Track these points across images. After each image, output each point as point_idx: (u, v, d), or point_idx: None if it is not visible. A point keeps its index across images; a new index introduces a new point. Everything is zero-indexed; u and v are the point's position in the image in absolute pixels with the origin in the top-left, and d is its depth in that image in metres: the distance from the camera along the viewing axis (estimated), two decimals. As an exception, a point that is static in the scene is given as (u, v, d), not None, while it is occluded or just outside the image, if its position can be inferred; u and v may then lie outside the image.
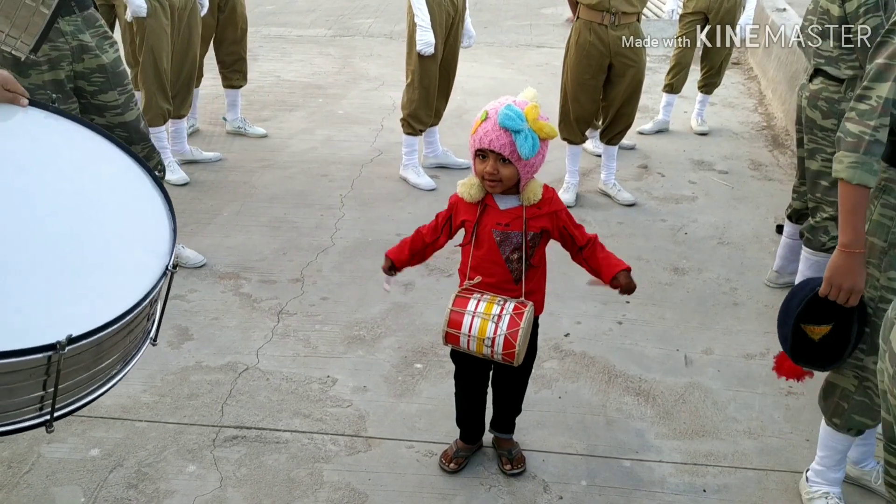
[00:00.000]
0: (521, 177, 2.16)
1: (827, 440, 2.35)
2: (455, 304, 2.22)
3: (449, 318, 2.21)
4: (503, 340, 2.15)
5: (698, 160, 5.22)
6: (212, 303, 3.40)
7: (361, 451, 2.59)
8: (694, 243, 4.10)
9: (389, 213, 4.29)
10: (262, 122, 5.67)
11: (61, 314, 1.38)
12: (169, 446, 2.58)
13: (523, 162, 2.12)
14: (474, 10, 10.02)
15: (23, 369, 1.35)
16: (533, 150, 2.10)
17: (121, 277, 1.53)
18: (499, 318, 2.16)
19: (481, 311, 2.18)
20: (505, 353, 2.16)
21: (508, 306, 2.18)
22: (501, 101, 2.15)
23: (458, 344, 2.23)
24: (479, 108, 6.42)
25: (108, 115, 3.28)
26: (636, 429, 2.73)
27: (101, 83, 3.25)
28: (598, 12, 4.09)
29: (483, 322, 2.17)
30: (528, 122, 2.09)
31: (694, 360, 3.13)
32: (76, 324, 1.37)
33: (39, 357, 1.34)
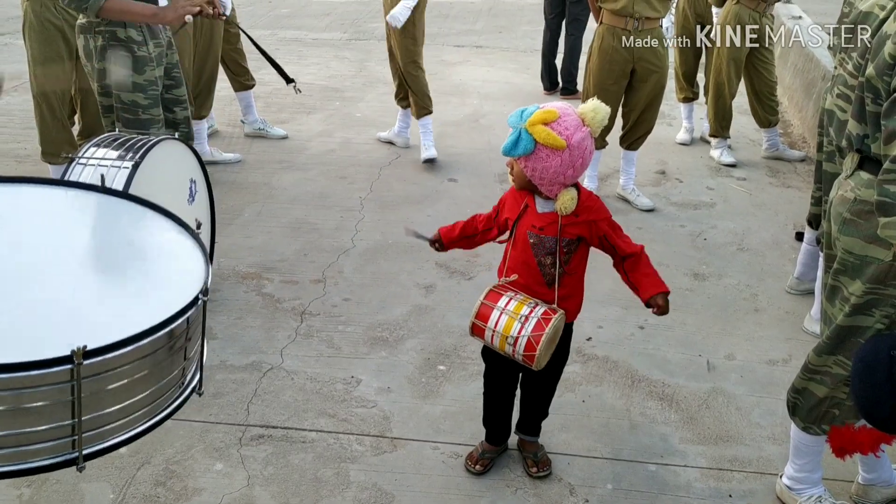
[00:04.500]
0: (531, 178, 2.17)
1: (806, 447, 2.34)
2: (487, 297, 2.24)
3: (478, 309, 2.23)
4: (526, 342, 2.16)
5: (716, 166, 5.22)
6: (235, 302, 3.41)
7: (387, 452, 2.60)
8: (713, 249, 4.10)
9: (409, 216, 4.30)
10: (280, 123, 5.69)
11: (82, 334, 1.34)
12: (196, 444, 2.59)
13: (524, 162, 2.14)
14: (489, 16, 10.06)
15: (43, 386, 1.31)
16: (517, 148, 2.13)
17: (147, 303, 1.51)
18: (526, 319, 2.17)
19: (511, 309, 2.20)
20: (526, 355, 2.18)
21: (538, 310, 2.19)
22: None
23: (482, 337, 2.25)
24: (495, 112, 6.51)
25: (178, 109, 3.43)
26: (660, 433, 2.74)
27: (178, 78, 3.44)
28: (621, 17, 4.11)
29: (510, 320, 2.19)
30: (525, 123, 2.11)
31: (716, 365, 3.13)
32: (95, 341, 1.34)
33: (58, 371, 1.30)
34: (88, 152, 2.73)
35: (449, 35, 8.97)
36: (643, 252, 2.28)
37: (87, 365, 1.32)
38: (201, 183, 3.16)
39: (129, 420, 1.45)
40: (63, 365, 1.30)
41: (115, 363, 1.37)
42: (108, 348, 1.34)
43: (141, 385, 1.44)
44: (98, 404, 1.38)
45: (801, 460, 2.37)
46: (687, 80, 5.52)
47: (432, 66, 7.53)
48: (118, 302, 1.55)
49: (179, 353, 1.53)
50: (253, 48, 4.19)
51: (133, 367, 1.41)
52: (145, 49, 3.19)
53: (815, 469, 2.38)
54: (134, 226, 1.81)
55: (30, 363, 1.29)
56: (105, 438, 1.43)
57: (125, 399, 1.43)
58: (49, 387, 1.32)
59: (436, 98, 6.49)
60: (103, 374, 1.37)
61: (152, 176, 2.72)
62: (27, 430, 1.33)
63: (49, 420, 1.34)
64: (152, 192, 2.69)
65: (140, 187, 2.61)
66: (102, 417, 1.40)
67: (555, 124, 2.10)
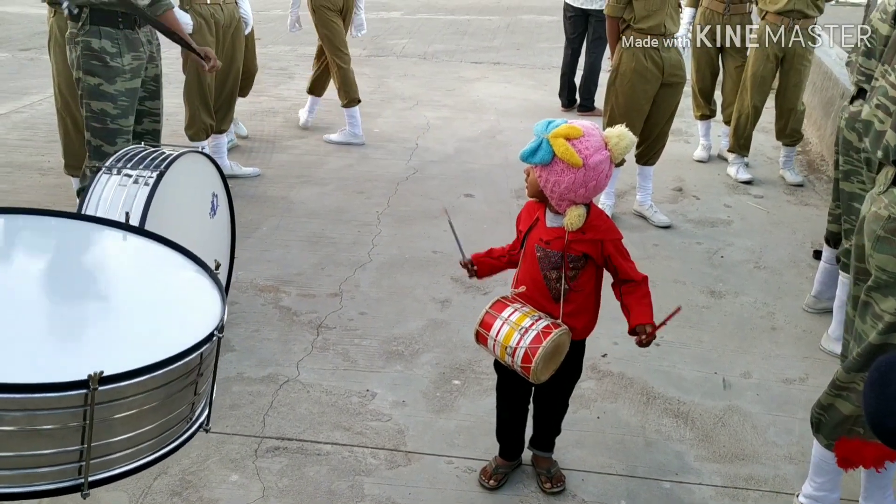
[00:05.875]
0: (542, 188, 2.19)
1: (827, 465, 2.31)
2: (492, 307, 2.27)
3: (482, 318, 2.27)
4: (523, 353, 2.18)
5: (733, 184, 5.21)
6: (252, 315, 3.44)
7: (401, 466, 2.61)
8: (730, 267, 4.09)
9: (425, 231, 4.33)
10: (299, 138, 5.76)
11: (98, 361, 1.36)
12: (212, 455, 2.61)
13: (539, 171, 2.16)
14: (507, 33, 10.13)
15: (57, 409, 1.32)
16: (534, 155, 2.15)
17: (163, 337, 1.53)
18: (526, 331, 2.19)
19: (513, 319, 2.22)
20: (522, 366, 2.19)
21: (540, 323, 2.20)
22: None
23: (486, 345, 2.28)
24: (512, 128, 6.56)
25: (146, 121, 3.46)
26: (675, 451, 2.73)
27: (153, 91, 3.45)
28: (653, 36, 4.14)
29: (510, 330, 2.20)
30: (548, 134, 2.13)
31: (732, 383, 3.12)
32: (111, 368, 1.36)
33: (73, 395, 1.31)
34: (111, 166, 2.78)
35: (466, 52, 9.04)
36: (645, 282, 2.28)
37: (102, 391, 1.34)
38: (223, 197, 3.20)
39: (136, 451, 1.47)
40: (78, 389, 1.32)
41: (128, 391, 1.39)
42: (124, 376, 1.36)
43: (150, 416, 1.46)
44: (107, 432, 1.40)
45: (821, 478, 2.35)
46: (704, 97, 5.53)
47: (450, 82, 7.60)
48: (135, 335, 1.57)
49: (190, 388, 1.54)
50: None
51: (145, 398, 1.42)
52: (119, 60, 3.26)
53: (834, 489, 2.36)
54: (154, 264, 1.84)
55: (46, 385, 1.30)
56: (111, 467, 1.44)
57: (134, 429, 1.44)
58: (62, 410, 1.33)
59: (453, 114, 6.56)
60: (116, 402, 1.38)
61: (175, 189, 2.76)
62: (35, 452, 1.35)
63: (58, 444, 1.36)
64: (175, 205, 2.74)
65: (163, 201, 2.65)
66: (110, 445, 1.42)
67: (576, 141, 2.12)
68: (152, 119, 3.50)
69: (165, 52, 7.61)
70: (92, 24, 3.24)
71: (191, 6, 4.38)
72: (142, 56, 3.34)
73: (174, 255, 1.84)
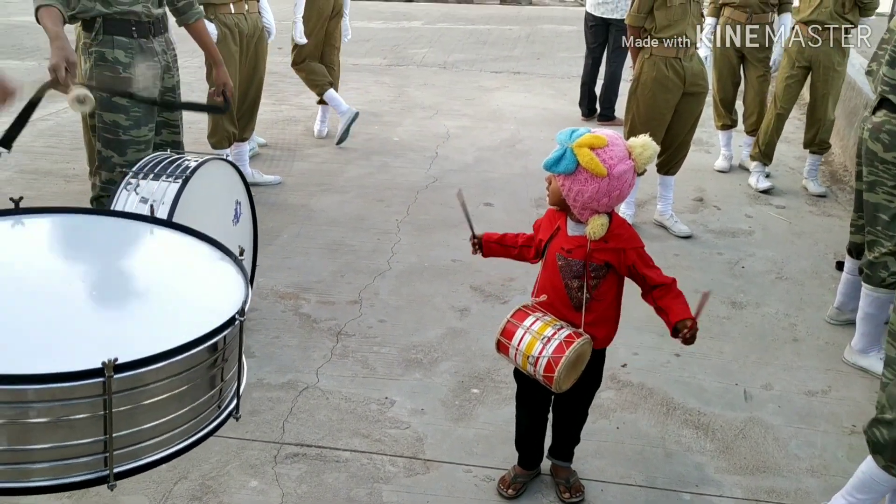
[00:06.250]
0: (565, 197, 2.19)
1: (877, 485, 2.25)
2: (514, 315, 2.26)
3: (504, 327, 2.27)
4: (545, 363, 2.17)
5: (755, 194, 5.18)
6: (272, 321, 3.47)
7: (420, 474, 2.61)
8: (751, 277, 4.06)
9: (445, 239, 4.34)
10: (319, 146, 5.80)
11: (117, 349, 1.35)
12: (232, 461, 2.63)
13: (562, 180, 2.16)
14: (527, 42, 10.15)
15: (75, 399, 1.32)
16: (558, 165, 2.14)
17: (186, 323, 1.52)
18: (548, 340, 2.18)
19: (535, 329, 2.22)
20: (545, 376, 2.18)
21: (562, 333, 2.20)
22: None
23: (507, 354, 2.28)
24: (532, 137, 6.57)
25: (165, 132, 3.42)
26: (696, 462, 2.71)
27: (172, 102, 3.41)
28: (674, 46, 4.14)
29: (532, 339, 2.20)
30: (572, 143, 2.13)
31: (753, 395, 3.09)
32: (129, 356, 1.36)
33: (90, 384, 1.31)
34: (136, 172, 2.81)
35: (486, 61, 9.06)
36: (674, 284, 2.27)
37: (119, 379, 1.33)
38: (246, 205, 3.22)
39: (164, 439, 1.46)
40: (94, 378, 1.31)
41: (148, 378, 1.38)
42: (141, 363, 1.35)
43: (176, 403, 1.45)
44: (132, 421, 1.39)
45: (864, 495, 2.28)
46: (725, 107, 5.51)
47: (470, 91, 7.63)
48: (158, 322, 1.57)
49: (216, 374, 1.53)
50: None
51: (167, 385, 1.41)
52: (131, 71, 3.18)
53: None
54: (179, 252, 1.85)
55: (62, 374, 1.30)
56: (139, 457, 1.43)
57: (160, 417, 1.43)
58: (81, 400, 1.33)
59: (473, 123, 6.58)
60: (137, 390, 1.37)
61: (199, 196, 2.79)
62: (60, 444, 1.35)
63: (83, 435, 1.36)
64: (199, 211, 2.76)
65: (187, 207, 2.68)
66: (137, 435, 1.41)
67: (601, 151, 2.12)
68: (171, 130, 3.45)
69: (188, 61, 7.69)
70: (105, 34, 3.15)
71: (215, 16, 4.43)
72: (156, 66, 3.27)
73: (199, 244, 1.84)
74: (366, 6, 13.07)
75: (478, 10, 13.24)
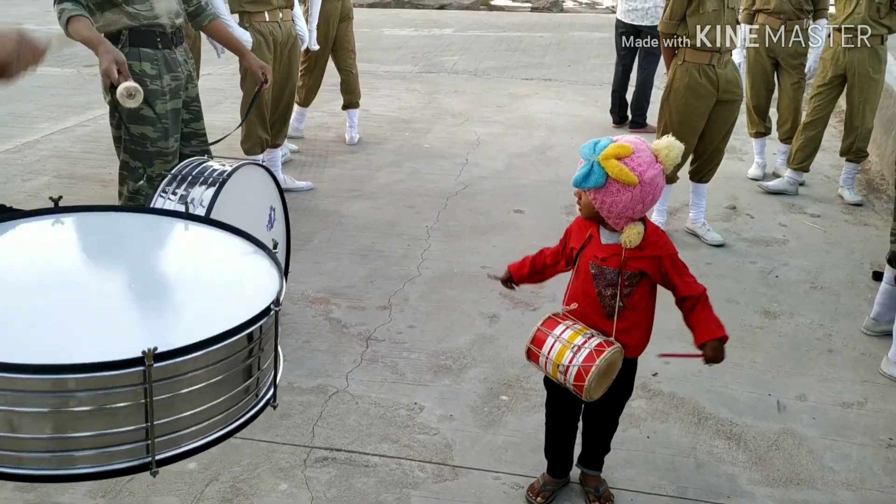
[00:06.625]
0: (599, 210, 2.18)
1: None
2: (544, 324, 2.26)
3: (534, 335, 2.26)
4: (576, 372, 2.16)
5: (789, 203, 5.12)
6: (303, 326, 3.49)
7: (448, 480, 2.61)
8: (785, 287, 4.01)
9: (475, 246, 4.34)
10: (351, 153, 5.84)
11: (156, 339, 1.39)
12: (262, 464, 2.65)
13: (594, 194, 2.14)
14: (558, 49, 10.13)
15: (117, 387, 1.35)
16: (587, 180, 2.12)
17: (223, 313, 1.55)
18: (579, 349, 2.17)
19: (566, 337, 2.21)
20: (575, 385, 2.17)
21: (593, 341, 2.18)
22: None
23: (537, 362, 2.27)
24: (562, 144, 6.56)
25: (194, 142, 3.45)
26: (727, 473, 2.67)
27: (196, 112, 3.44)
28: (707, 53, 4.11)
29: (563, 348, 2.19)
30: (598, 156, 2.11)
31: (787, 405, 3.05)
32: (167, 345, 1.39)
33: (130, 372, 1.34)
34: (172, 178, 2.86)
35: (517, 68, 9.06)
36: (704, 294, 2.25)
37: (159, 367, 1.36)
38: (280, 211, 3.25)
39: (203, 427, 1.48)
40: (134, 367, 1.34)
41: (186, 367, 1.40)
42: (179, 351, 1.38)
43: (214, 392, 1.47)
44: (172, 409, 1.42)
45: None
46: (759, 114, 5.45)
47: (500, 98, 7.63)
48: (194, 313, 1.61)
49: (253, 363, 1.56)
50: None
51: (206, 373, 1.44)
52: (158, 82, 3.18)
53: None
54: (213, 246, 1.88)
55: (103, 364, 1.34)
56: (179, 444, 1.46)
57: (198, 405, 1.46)
58: (123, 388, 1.36)
59: (503, 130, 6.58)
60: (176, 378, 1.40)
61: (234, 201, 2.82)
62: (103, 432, 1.38)
63: (125, 423, 1.39)
64: (233, 216, 2.79)
65: (222, 211, 2.72)
66: (176, 423, 1.44)
67: (628, 160, 2.10)
68: (200, 140, 3.47)
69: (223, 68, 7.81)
70: (132, 46, 3.13)
71: (250, 24, 4.49)
72: (180, 76, 3.28)
73: (233, 238, 1.87)
74: (398, 14, 13.16)
75: (509, 17, 13.25)
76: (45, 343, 1.43)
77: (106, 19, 3.08)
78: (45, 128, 6.43)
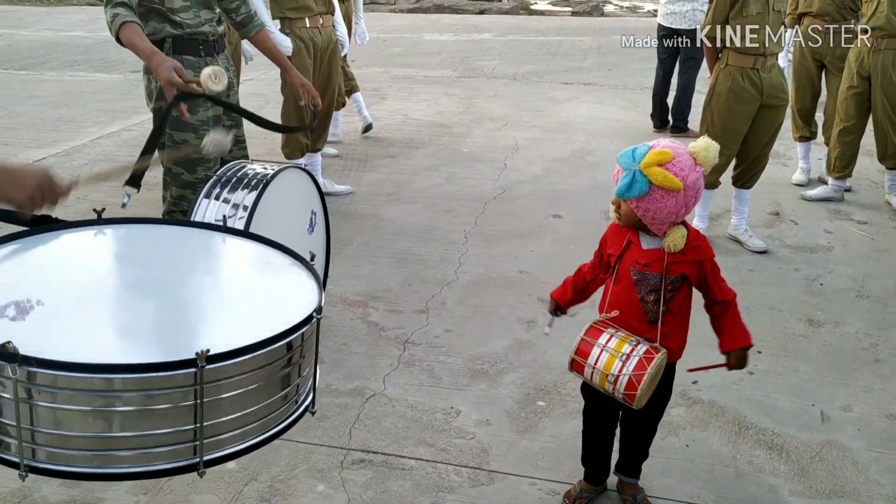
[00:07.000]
0: (642, 218, 2.15)
1: None
2: (587, 333, 2.23)
3: (578, 345, 2.22)
4: (627, 381, 2.14)
5: (835, 209, 5.01)
6: (341, 329, 3.52)
7: (484, 485, 2.60)
8: (830, 295, 3.92)
9: (512, 251, 4.33)
10: (390, 158, 5.87)
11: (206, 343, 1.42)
12: (300, 465, 2.67)
13: (636, 203, 2.12)
14: (598, 54, 10.08)
15: (168, 388, 1.38)
16: (631, 190, 2.10)
17: (265, 321, 1.58)
18: (627, 357, 2.15)
19: (612, 346, 2.18)
20: (626, 394, 2.15)
21: (640, 349, 2.16)
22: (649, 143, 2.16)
23: (582, 373, 2.24)
24: (602, 149, 6.53)
25: (235, 148, 3.48)
26: (769, 484, 2.63)
27: (237, 119, 3.48)
28: (751, 57, 4.06)
29: (611, 358, 2.16)
30: (639, 164, 2.09)
31: (831, 416, 2.98)
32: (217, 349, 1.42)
33: (182, 374, 1.37)
34: (216, 181, 2.90)
35: (557, 72, 9.03)
36: (734, 300, 2.25)
37: (209, 370, 1.39)
38: (320, 215, 3.28)
39: (244, 431, 1.51)
40: (187, 368, 1.37)
41: (233, 371, 1.43)
42: (228, 354, 1.41)
43: (255, 397, 1.50)
44: (216, 412, 1.45)
45: None
46: (804, 118, 5.35)
47: (539, 102, 7.61)
48: (239, 320, 1.64)
49: (294, 370, 1.59)
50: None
51: (249, 378, 1.47)
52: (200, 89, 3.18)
53: None
54: (252, 258, 1.92)
55: (156, 364, 1.37)
56: (223, 447, 1.48)
57: (241, 409, 1.48)
58: (173, 390, 1.39)
59: (542, 134, 6.57)
60: (223, 381, 1.43)
61: (276, 204, 2.86)
62: (152, 432, 1.41)
63: (172, 424, 1.41)
64: (275, 219, 2.84)
65: (264, 215, 2.76)
66: (220, 426, 1.46)
67: (670, 165, 2.08)
68: (241, 147, 3.52)
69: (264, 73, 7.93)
70: (175, 54, 3.15)
71: (291, 30, 4.55)
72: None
73: (271, 251, 1.91)
74: (438, 19, 13.21)
75: (549, 21, 13.22)
76: (96, 345, 1.46)
77: (150, 28, 3.14)
78: (92, 132, 6.58)
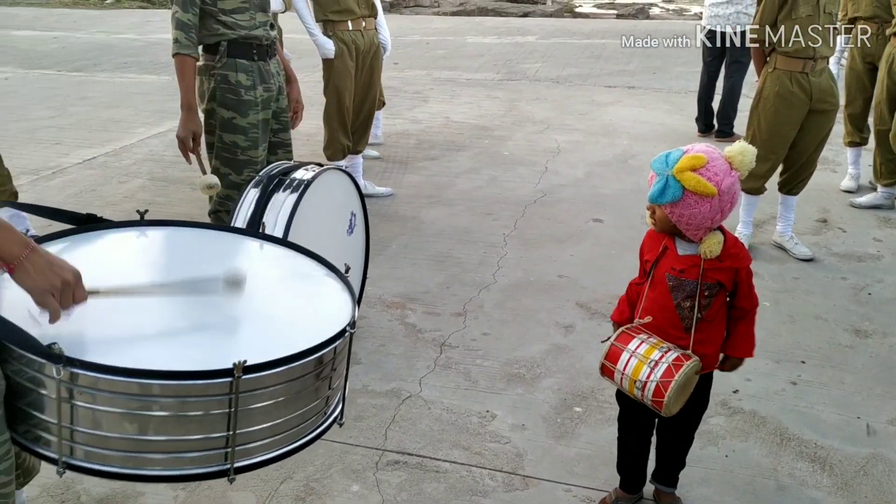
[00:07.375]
0: (676, 223, 2.13)
1: None
2: (618, 338, 2.21)
3: (608, 350, 2.21)
4: (654, 387, 2.11)
5: (884, 217, 4.88)
6: (379, 330, 3.54)
7: (519, 490, 2.59)
8: (879, 305, 3.82)
9: (551, 255, 4.31)
10: (430, 160, 5.88)
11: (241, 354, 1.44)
12: (335, 464, 2.69)
13: (670, 208, 2.10)
14: (643, 56, 9.97)
15: (204, 396, 1.41)
16: (664, 195, 2.08)
17: (299, 334, 1.59)
18: (656, 363, 2.12)
19: (641, 352, 2.16)
20: (654, 400, 2.12)
21: (670, 355, 2.13)
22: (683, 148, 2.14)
23: (612, 378, 2.22)
24: (645, 153, 6.46)
25: (280, 152, 3.55)
26: (811, 497, 2.56)
27: (285, 122, 3.54)
28: (800, 60, 3.97)
29: (639, 363, 2.14)
30: (672, 169, 2.07)
31: (878, 430, 2.90)
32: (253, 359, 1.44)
33: (219, 382, 1.40)
34: (259, 180, 2.94)
35: (600, 76, 8.96)
36: (755, 309, 2.25)
37: (245, 380, 1.41)
38: (360, 217, 3.30)
39: (274, 440, 1.53)
40: (224, 377, 1.40)
41: (267, 382, 1.45)
42: (265, 366, 1.44)
43: (287, 407, 1.52)
44: (248, 421, 1.47)
45: None
46: (854, 123, 5.22)
47: (582, 105, 7.56)
48: (273, 331, 1.66)
49: (325, 382, 1.60)
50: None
51: (282, 389, 1.49)
52: (252, 93, 3.29)
53: None
54: (287, 268, 1.94)
55: (194, 373, 1.40)
56: (252, 455, 1.51)
57: (272, 419, 1.51)
58: (209, 398, 1.41)
59: (584, 138, 6.52)
60: (257, 392, 1.45)
61: (316, 206, 2.88)
62: (184, 437, 1.43)
63: (205, 430, 1.44)
64: (315, 221, 2.86)
65: (304, 216, 2.78)
66: (251, 434, 1.49)
67: (704, 170, 2.05)
68: (286, 150, 3.57)
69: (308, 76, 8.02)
70: (229, 57, 3.26)
71: (333, 32, 4.59)
72: (272, 88, 3.38)
73: (307, 262, 1.92)
74: (481, 21, 13.22)
75: (593, 24, 13.13)
76: (136, 349, 1.49)
77: (207, 30, 3.22)
78: (141, 132, 6.73)
